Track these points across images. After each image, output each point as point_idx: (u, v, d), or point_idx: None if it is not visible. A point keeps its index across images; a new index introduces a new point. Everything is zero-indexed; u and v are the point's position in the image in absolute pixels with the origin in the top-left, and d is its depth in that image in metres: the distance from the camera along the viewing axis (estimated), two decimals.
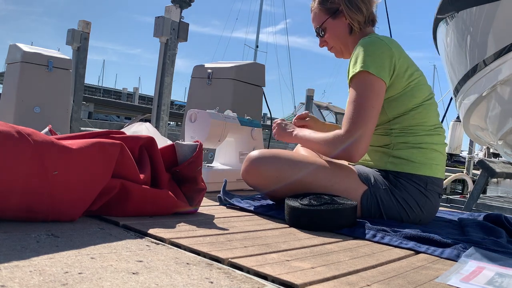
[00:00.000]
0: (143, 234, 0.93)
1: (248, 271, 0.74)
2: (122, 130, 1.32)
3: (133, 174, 1.07)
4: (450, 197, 5.69)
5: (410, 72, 1.40)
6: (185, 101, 4.53)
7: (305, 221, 1.17)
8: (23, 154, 0.85)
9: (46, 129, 1.16)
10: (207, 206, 1.38)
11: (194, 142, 1.24)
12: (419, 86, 1.42)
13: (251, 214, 1.32)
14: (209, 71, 2.92)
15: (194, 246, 0.85)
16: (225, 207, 1.40)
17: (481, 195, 5.17)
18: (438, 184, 1.41)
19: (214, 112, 1.70)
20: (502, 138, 2.96)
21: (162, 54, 4.49)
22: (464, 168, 7.76)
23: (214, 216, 1.22)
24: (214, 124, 1.66)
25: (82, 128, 5.74)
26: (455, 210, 2.05)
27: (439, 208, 1.87)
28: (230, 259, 0.78)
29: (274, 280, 0.70)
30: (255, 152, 1.41)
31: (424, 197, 1.37)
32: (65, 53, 3.82)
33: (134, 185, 1.05)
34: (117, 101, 13.55)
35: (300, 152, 1.65)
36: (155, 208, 1.12)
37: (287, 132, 1.55)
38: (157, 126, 4.49)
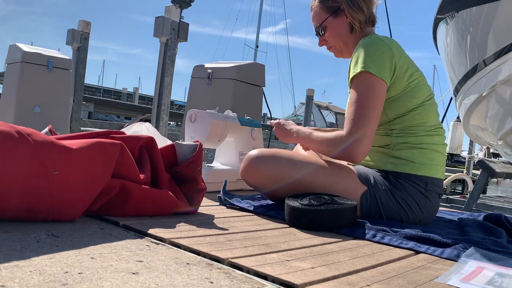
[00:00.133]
0: (143, 234, 0.93)
1: (248, 271, 0.74)
2: (122, 130, 1.32)
3: (133, 174, 1.07)
4: (450, 197, 5.69)
5: (410, 73, 1.40)
6: (185, 101, 4.53)
7: (305, 221, 1.17)
8: (23, 154, 0.85)
9: (46, 129, 1.16)
10: (207, 206, 1.38)
11: (194, 142, 1.24)
12: (419, 87, 1.42)
13: (251, 214, 1.32)
14: (209, 71, 2.92)
15: (194, 246, 0.85)
16: (225, 207, 1.40)
17: (481, 195, 5.17)
18: (438, 185, 1.41)
19: (214, 112, 1.70)
20: (502, 138, 2.96)
21: (162, 54, 4.49)
22: (464, 168, 7.76)
23: (214, 216, 1.22)
24: (214, 124, 1.66)
25: (82, 128, 5.74)
26: (455, 210, 2.05)
27: (439, 208, 1.87)
28: (230, 259, 0.78)
29: (274, 280, 0.70)
30: (255, 151, 1.41)
31: (424, 198, 1.36)
32: (65, 53, 3.82)
33: (134, 185, 1.06)
34: (117, 101, 13.55)
35: (300, 152, 1.65)
36: (155, 208, 1.12)
37: (287, 132, 1.53)
38: (157, 126, 4.49)
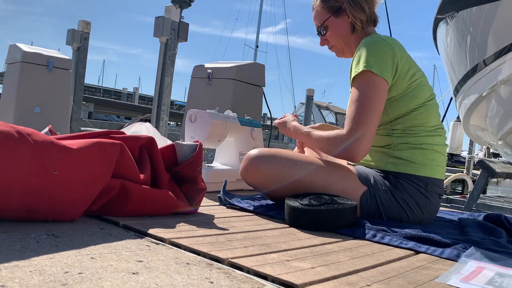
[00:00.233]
0: (143, 234, 0.93)
1: (248, 271, 0.74)
2: (122, 130, 1.32)
3: (133, 174, 1.07)
4: (450, 197, 5.69)
5: (412, 73, 1.40)
6: (185, 101, 4.53)
7: (305, 221, 1.17)
8: (23, 154, 0.85)
9: (46, 129, 1.16)
10: (207, 206, 1.38)
11: (194, 142, 1.24)
12: (421, 87, 1.42)
13: (251, 214, 1.32)
14: (209, 71, 2.92)
15: (194, 246, 0.85)
16: (225, 207, 1.40)
17: (481, 195, 5.17)
18: (438, 185, 1.41)
19: (214, 112, 1.70)
20: (502, 138, 2.96)
21: (162, 54, 4.49)
22: (464, 168, 7.76)
23: (214, 216, 1.22)
24: (214, 124, 1.66)
25: (82, 128, 5.74)
26: (455, 210, 2.05)
27: (439, 208, 1.87)
28: (230, 259, 0.78)
29: (274, 280, 0.70)
30: (254, 151, 1.41)
31: (424, 198, 1.36)
32: (65, 53, 3.82)
33: (134, 185, 1.06)
34: (117, 101, 13.55)
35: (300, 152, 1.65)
36: (155, 208, 1.12)
37: (289, 130, 1.57)
38: (157, 126, 4.49)
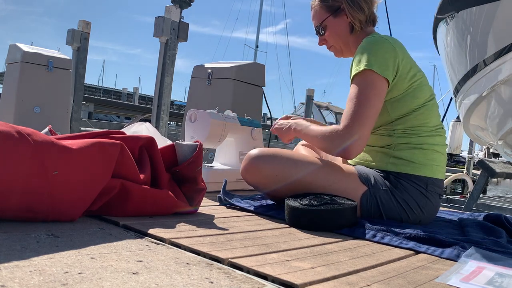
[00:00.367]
0: (143, 234, 0.93)
1: (248, 271, 0.74)
2: (122, 130, 1.32)
3: (133, 174, 1.07)
4: (450, 197, 5.69)
5: (413, 73, 1.40)
6: (185, 101, 4.53)
7: (305, 221, 1.17)
8: (23, 154, 0.85)
9: (46, 129, 1.16)
10: (207, 206, 1.38)
11: (194, 142, 1.24)
12: (422, 87, 1.42)
13: (251, 214, 1.32)
14: (209, 71, 2.92)
15: (194, 246, 0.85)
16: (225, 207, 1.40)
17: (481, 195, 5.17)
18: (439, 185, 1.41)
19: (214, 112, 1.70)
20: (502, 138, 2.96)
21: (162, 54, 4.49)
22: (464, 168, 7.76)
23: (214, 216, 1.22)
24: (214, 124, 1.66)
25: (82, 128, 5.74)
26: (455, 210, 2.05)
27: (439, 208, 1.87)
28: (230, 259, 0.78)
29: (274, 280, 0.70)
30: (255, 151, 1.41)
31: (425, 198, 1.36)
32: (65, 53, 3.82)
33: (134, 185, 1.06)
34: (117, 101, 13.56)
35: (300, 152, 1.65)
36: (155, 208, 1.12)
37: (286, 130, 1.54)
38: (157, 126, 4.49)
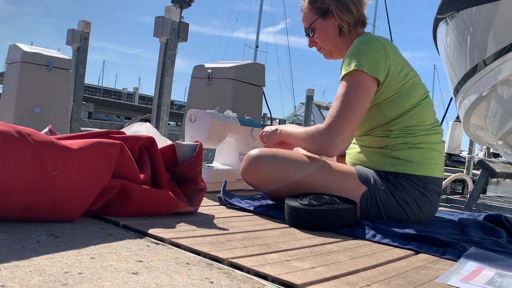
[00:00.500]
0: (143, 234, 0.93)
1: (248, 271, 0.74)
2: (122, 130, 1.32)
3: (133, 174, 1.07)
4: (450, 197, 5.69)
5: (405, 73, 1.40)
6: (185, 101, 4.53)
7: (305, 221, 1.17)
8: (23, 154, 0.85)
9: (46, 129, 1.16)
10: (207, 206, 1.38)
11: (194, 142, 1.24)
12: (415, 86, 1.42)
13: (251, 214, 1.32)
14: (209, 71, 2.92)
15: (194, 246, 0.85)
16: (225, 207, 1.40)
17: (481, 195, 5.17)
18: (438, 184, 1.41)
19: (214, 112, 1.70)
20: (502, 138, 2.96)
21: (162, 54, 4.49)
22: (464, 168, 7.76)
23: (214, 216, 1.22)
24: (214, 124, 1.66)
25: (82, 128, 5.74)
26: (455, 210, 2.05)
27: (439, 208, 1.87)
28: (230, 259, 0.78)
29: (274, 280, 0.70)
30: (255, 151, 1.41)
31: (424, 197, 1.36)
32: (65, 53, 3.83)
33: (134, 185, 1.05)
34: (117, 101, 13.56)
35: (300, 152, 1.65)
36: (155, 208, 1.12)
37: (272, 133, 1.53)
38: (157, 126, 4.49)
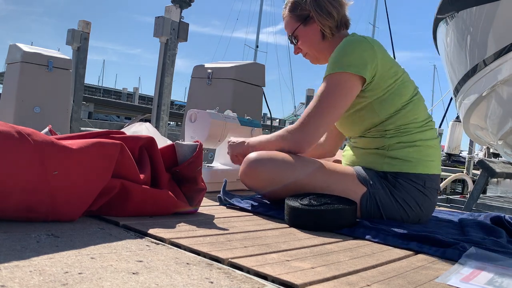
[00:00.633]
0: (143, 234, 0.93)
1: (248, 271, 0.74)
2: (122, 130, 1.32)
3: (133, 174, 1.07)
4: (450, 197, 5.70)
5: (394, 71, 1.41)
6: (185, 101, 4.53)
7: (305, 221, 1.17)
8: (23, 154, 0.86)
9: (46, 129, 1.16)
10: (207, 206, 1.38)
11: (194, 142, 1.24)
12: (405, 83, 1.43)
13: (251, 214, 1.32)
14: (209, 71, 2.92)
15: (194, 246, 0.85)
16: (225, 207, 1.40)
17: (481, 195, 5.17)
18: (435, 181, 1.41)
19: (214, 112, 1.70)
20: (502, 138, 2.96)
21: (162, 54, 4.49)
22: (464, 168, 7.77)
23: (214, 216, 1.22)
24: (214, 124, 1.66)
25: (82, 128, 5.74)
26: (455, 210, 2.05)
27: (440, 208, 1.87)
28: (230, 259, 0.78)
29: (274, 280, 0.70)
30: (253, 154, 1.40)
31: (423, 196, 1.37)
32: (65, 53, 3.83)
33: (134, 185, 1.05)
34: (117, 101, 13.58)
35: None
36: (155, 208, 1.12)
37: (238, 145, 1.52)
38: (157, 126, 4.49)
